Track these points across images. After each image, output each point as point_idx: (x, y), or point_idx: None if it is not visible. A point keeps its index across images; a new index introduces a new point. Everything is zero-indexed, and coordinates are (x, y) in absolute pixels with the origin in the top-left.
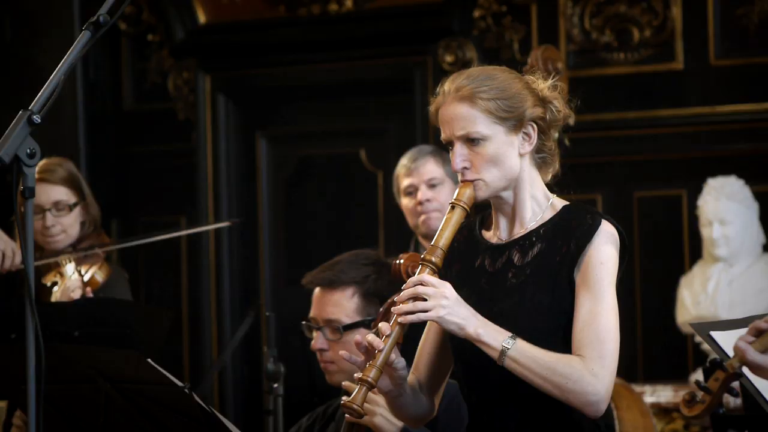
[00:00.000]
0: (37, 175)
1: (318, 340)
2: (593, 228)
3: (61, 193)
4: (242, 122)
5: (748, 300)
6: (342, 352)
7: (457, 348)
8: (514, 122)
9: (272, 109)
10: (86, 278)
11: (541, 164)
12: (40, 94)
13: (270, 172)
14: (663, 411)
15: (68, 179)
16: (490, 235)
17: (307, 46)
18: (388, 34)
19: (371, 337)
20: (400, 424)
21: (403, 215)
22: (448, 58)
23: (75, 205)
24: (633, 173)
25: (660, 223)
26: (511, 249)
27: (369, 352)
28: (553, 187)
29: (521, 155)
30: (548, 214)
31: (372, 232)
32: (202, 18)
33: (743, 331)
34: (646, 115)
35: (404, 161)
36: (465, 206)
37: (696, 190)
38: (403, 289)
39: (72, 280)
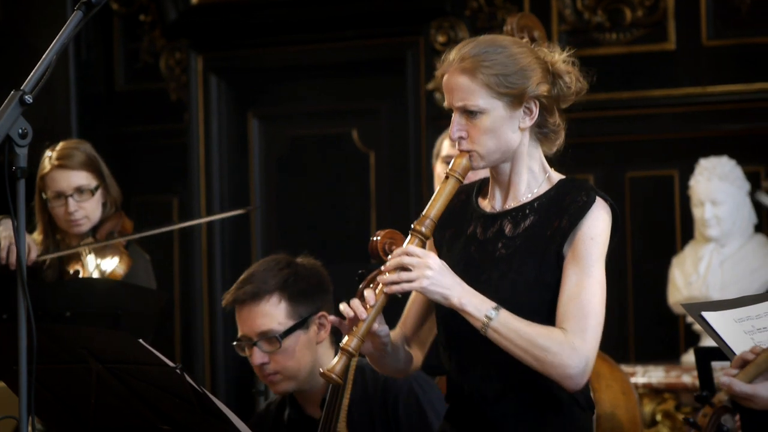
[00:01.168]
0: (56, 162)
1: (256, 356)
2: (587, 204)
3: (81, 178)
4: (234, 102)
5: (740, 280)
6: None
7: (441, 315)
8: (514, 98)
9: (264, 89)
10: (107, 271)
11: (542, 138)
12: (31, 74)
13: (262, 153)
14: (654, 391)
15: (87, 163)
16: (485, 204)
17: (299, 26)
18: (380, 14)
19: (356, 303)
20: None
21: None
22: (440, 39)
23: (96, 188)
24: (625, 153)
25: (652, 204)
26: (503, 219)
27: (353, 318)
28: (553, 162)
29: (521, 129)
30: (544, 188)
31: (364, 212)
32: None
33: (735, 311)
34: (638, 96)
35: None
36: (459, 177)
37: (688, 171)
38: (390, 260)
39: (92, 274)
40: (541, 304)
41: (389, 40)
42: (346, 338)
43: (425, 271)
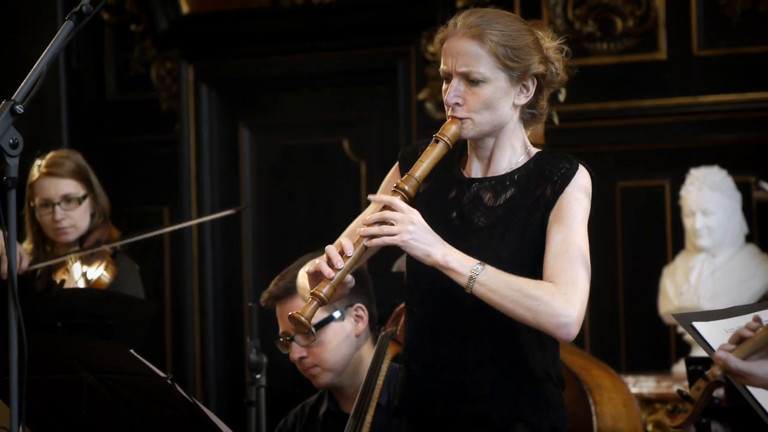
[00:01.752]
0: (44, 169)
1: (295, 351)
2: (571, 171)
3: (69, 186)
4: (225, 112)
5: (731, 290)
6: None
7: (417, 281)
8: (518, 73)
9: (255, 99)
10: (93, 279)
11: (528, 119)
12: (22, 84)
13: (253, 162)
14: (645, 402)
15: (76, 172)
16: (464, 170)
17: (290, 36)
18: (371, 23)
19: (332, 252)
20: None
21: None
22: (431, 48)
23: (84, 197)
24: (616, 163)
25: (643, 214)
26: (481, 186)
27: (327, 264)
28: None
29: (515, 106)
30: (522, 161)
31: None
32: (185, 8)
33: (725, 321)
34: (629, 105)
35: None
36: (448, 142)
37: (679, 181)
38: (365, 223)
39: (78, 282)
40: (523, 269)
41: (380, 50)
42: (319, 284)
43: (408, 226)
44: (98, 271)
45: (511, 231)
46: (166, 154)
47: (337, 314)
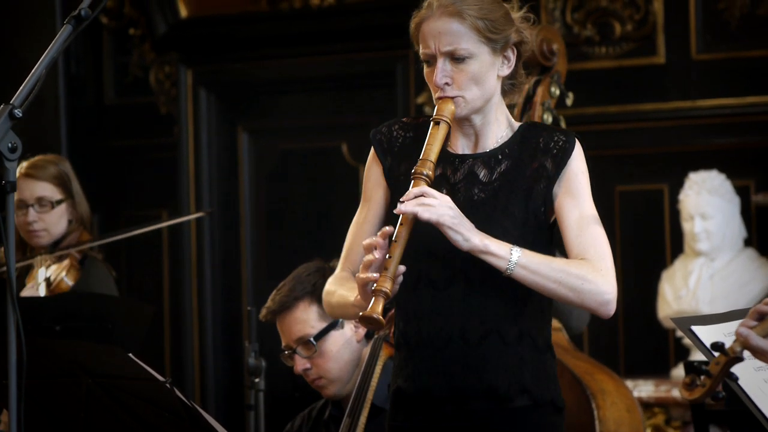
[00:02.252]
0: (24, 171)
1: (298, 363)
2: (570, 144)
3: (45, 189)
4: (224, 116)
5: (730, 294)
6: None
7: (423, 260)
8: (500, 44)
9: (254, 102)
10: (54, 283)
11: (508, 90)
12: (21, 88)
13: (252, 166)
14: (644, 406)
15: (55, 176)
16: (449, 147)
17: (289, 39)
18: (369, 27)
19: (380, 243)
20: None
21: None
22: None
23: (59, 202)
24: (614, 167)
25: (641, 218)
26: (475, 162)
27: (381, 263)
28: None
29: (499, 77)
30: (508, 134)
31: None
32: (183, 12)
33: (724, 325)
34: (628, 110)
35: None
36: (448, 121)
37: (677, 185)
38: (407, 198)
39: (40, 286)
40: (524, 240)
41: (379, 54)
42: (377, 281)
43: (448, 210)
44: (60, 275)
45: (513, 203)
46: (165, 158)
47: (336, 323)
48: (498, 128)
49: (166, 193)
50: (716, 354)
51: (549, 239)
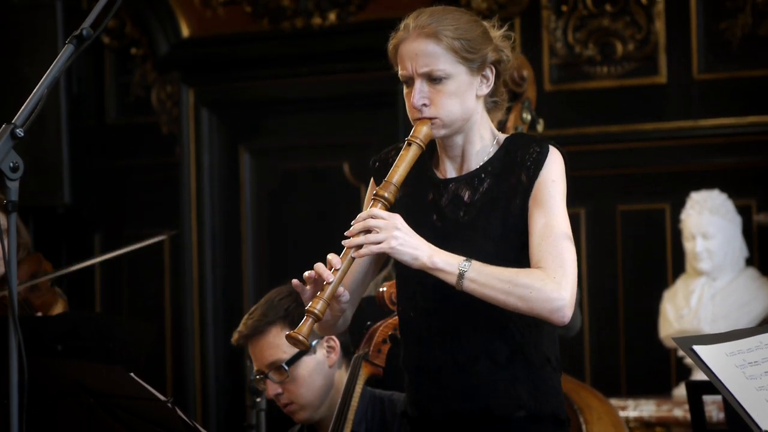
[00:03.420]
0: None
1: (269, 388)
2: (543, 154)
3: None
4: (226, 136)
5: (731, 314)
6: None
7: (407, 287)
8: (477, 63)
9: (256, 122)
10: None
11: (491, 108)
12: (23, 107)
13: (253, 186)
14: (646, 425)
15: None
16: (437, 172)
17: (290, 59)
18: (371, 47)
19: (321, 267)
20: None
21: None
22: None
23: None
24: (616, 187)
25: (643, 237)
26: (459, 185)
27: (317, 282)
28: None
29: (478, 97)
30: (493, 150)
31: None
32: (185, 32)
33: (726, 345)
34: (630, 129)
35: None
36: (421, 144)
37: (679, 204)
38: (353, 224)
39: None
40: (506, 258)
41: (380, 74)
42: (311, 302)
43: (393, 232)
44: (49, 309)
45: (493, 222)
46: (167, 178)
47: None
48: (482, 146)
49: (167, 213)
50: None
51: None
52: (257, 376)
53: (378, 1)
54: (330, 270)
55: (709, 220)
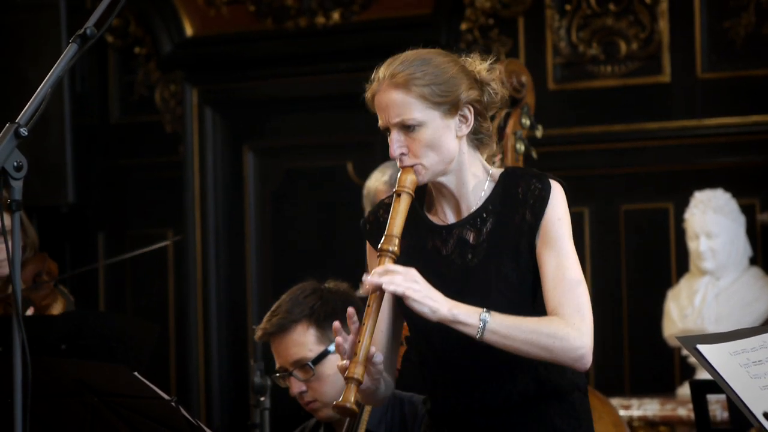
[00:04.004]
0: None
1: (294, 386)
2: (545, 192)
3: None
4: (229, 135)
5: (735, 313)
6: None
7: (427, 337)
8: (450, 106)
9: (259, 121)
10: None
11: (478, 145)
12: (26, 107)
13: (257, 185)
14: (650, 424)
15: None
16: (435, 219)
17: (294, 58)
18: (375, 46)
19: (339, 327)
20: None
21: None
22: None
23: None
24: (620, 186)
25: (647, 236)
26: (462, 229)
27: (351, 348)
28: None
29: (459, 137)
30: (490, 187)
31: (358, 245)
32: (189, 31)
33: (730, 344)
34: (633, 128)
35: (382, 177)
36: (410, 192)
37: (683, 203)
38: (371, 278)
39: None
40: (524, 301)
41: None
42: (348, 367)
43: (413, 284)
44: (50, 309)
45: (505, 263)
46: (170, 177)
47: (332, 347)
48: (477, 184)
49: (171, 212)
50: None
51: None
52: (279, 374)
53: (381, 0)
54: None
55: (712, 220)
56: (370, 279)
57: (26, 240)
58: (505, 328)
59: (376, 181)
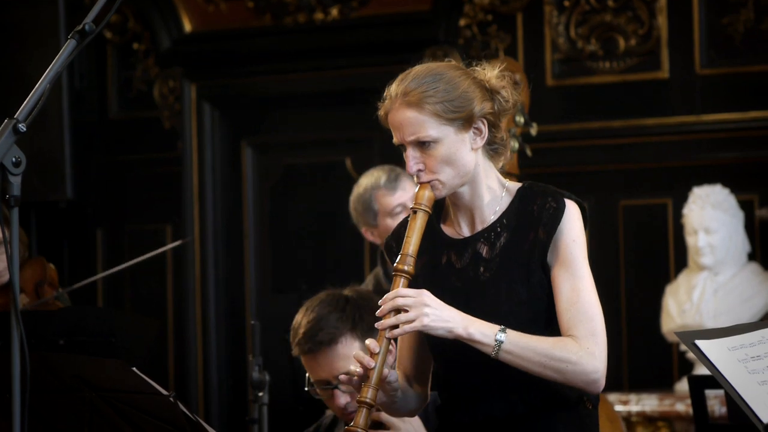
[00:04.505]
0: None
1: (340, 398)
2: (560, 210)
3: None
4: (228, 131)
5: (733, 309)
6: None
7: (437, 347)
8: (463, 121)
9: (258, 117)
10: None
11: (493, 155)
12: (25, 102)
13: (255, 181)
14: (648, 420)
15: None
16: (450, 231)
17: (293, 54)
18: (373, 42)
19: (360, 355)
20: None
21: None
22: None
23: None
24: (619, 182)
25: (645, 232)
26: (477, 243)
27: (362, 372)
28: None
29: (474, 150)
30: (506, 201)
31: (357, 240)
32: (187, 26)
33: (728, 339)
34: (632, 124)
35: (379, 181)
36: (426, 209)
37: (681, 199)
38: (381, 304)
39: None
40: (537, 320)
41: (383, 69)
42: (361, 391)
43: (423, 309)
44: None
45: (516, 280)
46: (169, 173)
47: None
48: (492, 196)
49: (169, 208)
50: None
51: None
52: (321, 386)
53: None
54: (370, 356)
55: (711, 215)
56: (380, 323)
57: (21, 245)
58: (519, 348)
59: (373, 188)
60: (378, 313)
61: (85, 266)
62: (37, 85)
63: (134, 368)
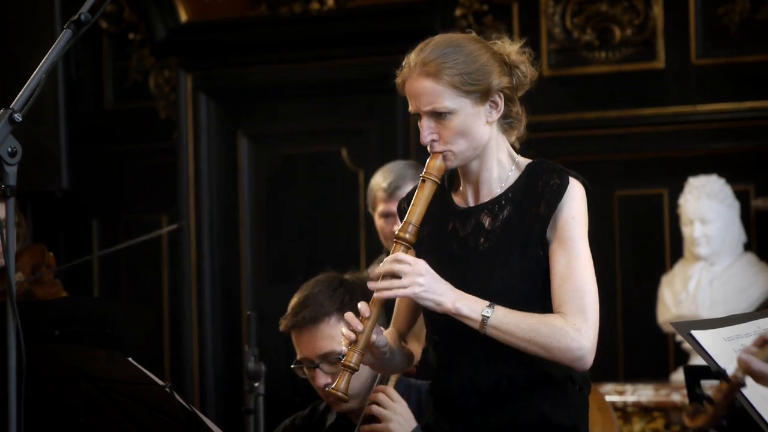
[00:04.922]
0: None
1: (320, 378)
2: (562, 187)
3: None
4: (224, 121)
5: (729, 299)
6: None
7: (430, 313)
8: (480, 94)
9: (254, 107)
10: None
11: (507, 129)
12: (21, 92)
13: (251, 171)
14: (644, 410)
15: None
16: (458, 200)
17: (288, 44)
18: (369, 32)
19: (350, 316)
20: (414, 424)
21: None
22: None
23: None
24: (614, 172)
25: (641, 222)
26: (480, 213)
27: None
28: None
29: (489, 123)
30: (514, 176)
31: (353, 230)
32: (183, 16)
33: (724, 330)
34: (627, 114)
35: (382, 182)
36: (435, 179)
37: (677, 189)
38: (379, 267)
39: None
40: (531, 294)
41: (378, 59)
42: (346, 354)
43: (417, 278)
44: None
45: (512, 253)
46: (165, 163)
47: None
48: (501, 170)
49: (165, 198)
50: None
51: None
52: (304, 365)
53: None
54: (360, 318)
55: (707, 205)
56: (373, 284)
57: (18, 230)
58: (505, 324)
59: (376, 186)
60: (373, 274)
61: (81, 256)
62: (32, 76)
63: (130, 359)
